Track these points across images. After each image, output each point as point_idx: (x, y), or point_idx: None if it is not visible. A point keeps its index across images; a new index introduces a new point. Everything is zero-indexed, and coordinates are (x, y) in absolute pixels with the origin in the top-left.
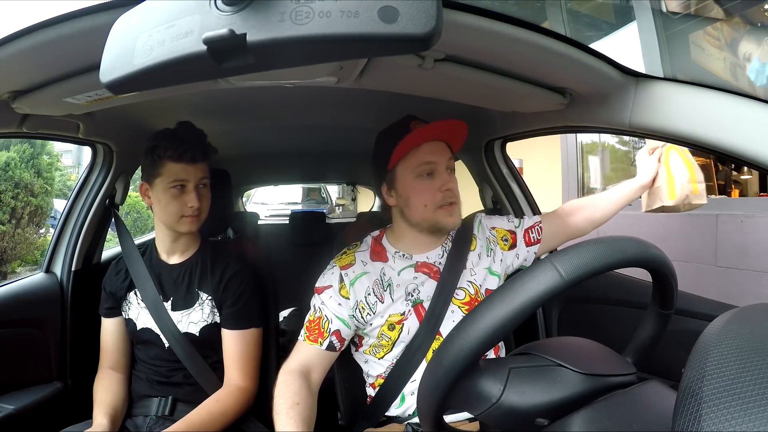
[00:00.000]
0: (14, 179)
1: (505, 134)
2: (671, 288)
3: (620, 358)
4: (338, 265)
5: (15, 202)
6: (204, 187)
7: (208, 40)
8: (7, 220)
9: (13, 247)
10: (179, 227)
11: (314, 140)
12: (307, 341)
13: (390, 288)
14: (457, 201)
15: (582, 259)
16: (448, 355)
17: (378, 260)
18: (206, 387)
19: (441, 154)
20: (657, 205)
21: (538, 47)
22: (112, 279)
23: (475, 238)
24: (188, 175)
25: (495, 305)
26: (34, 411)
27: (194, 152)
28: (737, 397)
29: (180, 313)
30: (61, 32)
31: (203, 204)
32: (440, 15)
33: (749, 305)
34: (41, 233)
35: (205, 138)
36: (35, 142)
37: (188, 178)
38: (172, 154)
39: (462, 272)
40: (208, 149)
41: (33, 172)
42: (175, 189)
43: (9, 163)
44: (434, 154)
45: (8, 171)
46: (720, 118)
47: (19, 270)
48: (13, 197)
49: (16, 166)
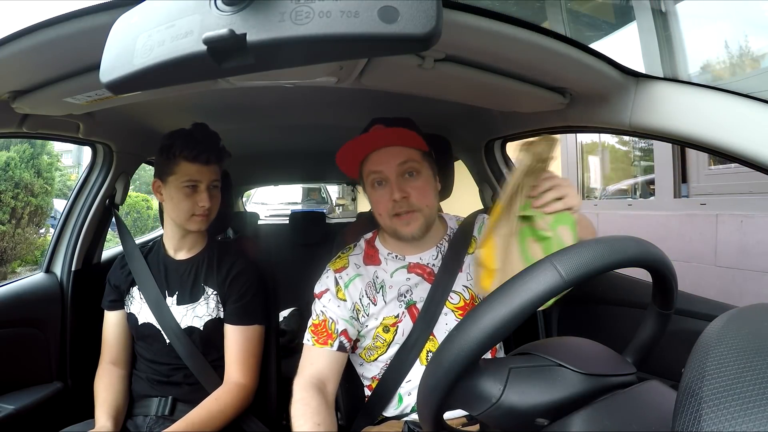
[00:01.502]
0: (14, 179)
1: (505, 134)
2: (671, 288)
3: (620, 358)
4: (332, 268)
5: (15, 202)
6: (215, 188)
7: (208, 40)
8: (7, 220)
9: (13, 247)
10: (189, 225)
11: (314, 140)
12: (316, 345)
13: (383, 290)
14: (414, 208)
15: (582, 259)
16: (448, 355)
17: (371, 264)
18: (207, 385)
19: (389, 161)
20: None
21: (538, 47)
22: (116, 272)
23: (475, 240)
24: (201, 176)
25: (495, 306)
26: (34, 411)
27: (209, 154)
28: (737, 397)
29: (185, 307)
30: (61, 32)
31: (213, 204)
32: (440, 15)
33: (749, 305)
34: (41, 233)
35: (219, 141)
36: (35, 142)
37: (201, 179)
38: (188, 154)
39: (458, 274)
40: (222, 152)
41: (33, 172)
42: (188, 188)
43: (9, 163)
44: (381, 162)
45: (8, 171)
46: (720, 118)
47: (19, 270)
48: (13, 197)
49: (16, 166)
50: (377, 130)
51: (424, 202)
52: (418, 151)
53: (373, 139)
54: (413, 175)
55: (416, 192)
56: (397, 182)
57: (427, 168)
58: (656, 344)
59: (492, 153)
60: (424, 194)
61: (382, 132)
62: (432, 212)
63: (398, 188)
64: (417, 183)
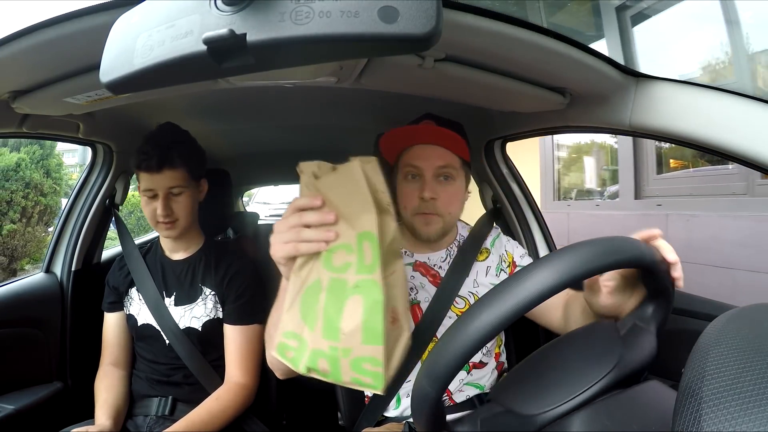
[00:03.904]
0: (25, 179)
1: (505, 134)
2: (667, 290)
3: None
4: None
5: (25, 201)
6: (179, 194)
7: (208, 40)
8: (18, 218)
9: (24, 245)
10: (158, 232)
11: (314, 140)
12: None
13: None
14: (438, 212)
15: (581, 258)
16: (444, 355)
17: None
18: (207, 385)
19: (430, 159)
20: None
21: (538, 47)
22: (115, 274)
23: (488, 251)
24: (154, 184)
25: (491, 306)
26: (34, 411)
27: (152, 161)
28: (737, 397)
29: (183, 308)
30: (61, 32)
31: (177, 210)
32: (440, 15)
33: (749, 305)
34: (50, 231)
35: (180, 143)
36: (44, 143)
37: (154, 187)
38: (140, 163)
39: (465, 279)
40: (175, 156)
41: (42, 172)
42: (146, 197)
43: (20, 164)
44: (421, 158)
45: (19, 171)
46: (720, 118)
47: (28, 267)
48: (23, 197)
49: (27, 167)
50: (427, 125)
51: (449, 209)
52: (459, 158)
53: (421, 133)
54: (447, 180)
55: (446, 197)
56: (431, 182)
57: (462, 177)
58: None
59: (492, 153)
60: (452, 201)
61: (431, 129)
62: (453, 220)
63: (430, 188)
64: (449, 188)
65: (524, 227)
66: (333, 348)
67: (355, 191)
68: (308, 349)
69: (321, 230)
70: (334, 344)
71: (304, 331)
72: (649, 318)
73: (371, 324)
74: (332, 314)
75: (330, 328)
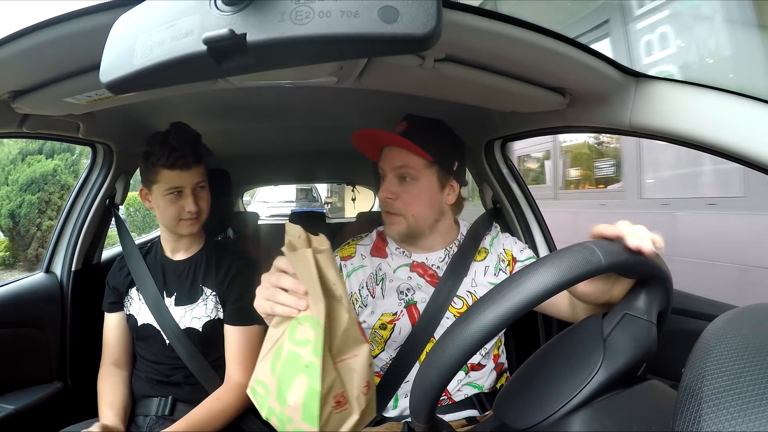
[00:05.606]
0: (60, 182)
1: (505, 134)
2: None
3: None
4: (339, 254)
5: (61, 201)
6: (202, 189)
7: (208, 40)
8: (55, 216)
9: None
10: (179, 230)
11: (314, 140)
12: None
13: (383, 283)
14: (400, 213)
15: (581, 258)
16: (443, 354)
17: (377, 256)
18: (207, 385)
19: (390, 160)
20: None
21: (538, 47)
22: (115, 274)
23: (486, 250)
24: (183, 182)
25: (489, 306)
26: (34, 411)
27: (187, 158)
28: (737, 397)
29: (183, 308)
30: (61, 32)
31: (201, 206)
32: (440, 15)
33: (749, 305)
34: None
35: (199, 140)
36: (74, 148)
37: (183, 184)
38: (165, 162)
39: (463, 279)
40: (202, 152)
41: (74, 176)
42: (172, 195)
43: (56, 170)
44: (383, 159)
45: (56, 176)
46: (720, 118)
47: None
48: (59, 197)
49: (62, 171)
50: (398, 126)
51: (411, 210)
52: (420, 158)
53: (384, 135)
54: (407, 180)
55: (407, 197)
56: (390, 182)
57: (429, 177)
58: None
59: (492, 153)
60: (412, 202)
61: (394, 131)
62: (419, 222)
63: (386, 188)
64: (410, 189)
65: (524, 227)
66: (281, 412)
67: (308, 277)
68: (268, 402)
69: (294, 297)
70: (281, 410)
71: (270, 385)
72: (643, 307)
73: (309, 408)
74: (284, 384)
75: (281, 394)
